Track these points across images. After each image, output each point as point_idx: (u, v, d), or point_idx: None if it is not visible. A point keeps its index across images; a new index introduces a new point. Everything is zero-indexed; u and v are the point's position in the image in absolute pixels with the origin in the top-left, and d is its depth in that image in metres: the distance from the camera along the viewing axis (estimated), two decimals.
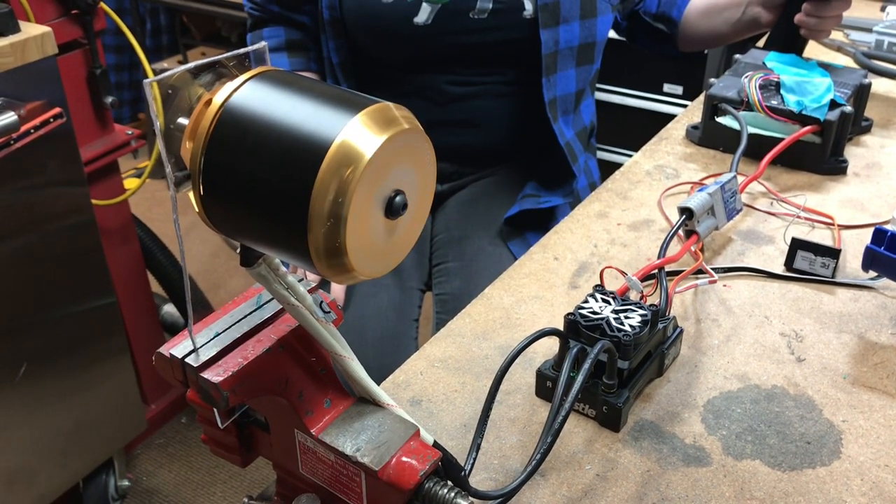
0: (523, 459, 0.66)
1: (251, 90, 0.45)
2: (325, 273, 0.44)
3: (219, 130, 0.44)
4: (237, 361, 0.53)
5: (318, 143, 0.42)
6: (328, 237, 0.42)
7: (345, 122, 0.42)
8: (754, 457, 0.66)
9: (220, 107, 0.45)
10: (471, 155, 1.30)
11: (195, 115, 0.46)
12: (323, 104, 0.44)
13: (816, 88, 1.02)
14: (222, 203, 0.45)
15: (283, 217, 0.43)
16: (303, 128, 0.43)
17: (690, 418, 0.69)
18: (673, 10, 1.34)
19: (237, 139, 0.44)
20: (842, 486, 0.63)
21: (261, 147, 0.43)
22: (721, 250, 0.90)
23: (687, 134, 1.12)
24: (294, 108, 0.44)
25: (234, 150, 0.44)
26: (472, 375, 0.74)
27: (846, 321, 0.80)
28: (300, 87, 0.46)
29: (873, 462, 0.65)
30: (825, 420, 0.69)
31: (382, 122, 0.43)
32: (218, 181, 0.45)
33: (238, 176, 0.44)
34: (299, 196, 0.42)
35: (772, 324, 0.80)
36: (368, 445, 0.53)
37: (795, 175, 1.03)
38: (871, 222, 0.93)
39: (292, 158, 0.42)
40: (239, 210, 0.45)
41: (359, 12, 1.19)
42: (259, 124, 0.44)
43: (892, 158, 1.07)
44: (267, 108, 0.44)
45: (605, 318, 0.69)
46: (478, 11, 1.16)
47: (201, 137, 0.45)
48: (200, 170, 0.45)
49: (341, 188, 0.42)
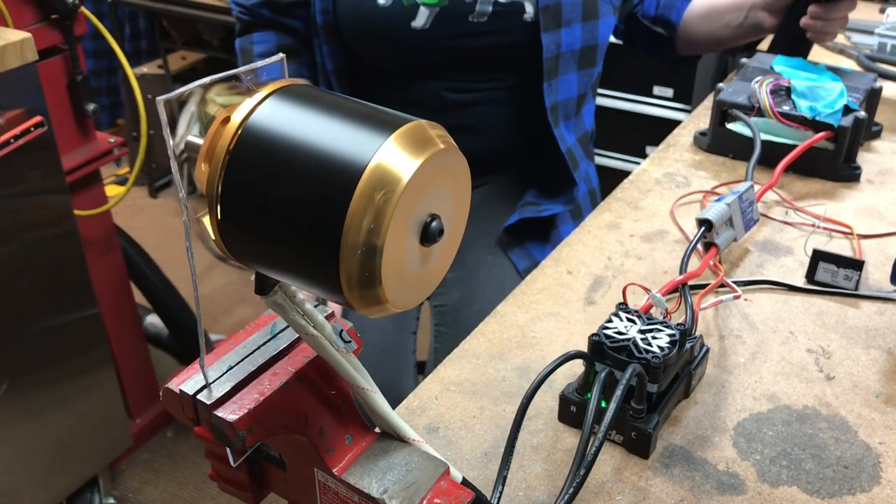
0: (550, 490, 0.62)
1: (273, 107, 0.41)
2: (356, 305, 0.41)
3: (238, 151, 0.40)
4: (253, 398, 0.49)
5: (350, 167, 0.38)
6: (362, 267, 0.39)
7: (378, 143, 0.39)
8: (791, 483, 0.63)
9: (239, 125, 0.41)
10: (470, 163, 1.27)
11: (211, 134, 0.42)
12: (352, 123, 0.40)
13: (829, 93, 1.00)
14: (242, 230, 0.41)
15: (312, 246, 0.39)
16: (333, 149, 0.39)
17: (721, 442, 0.66)
18: (672, 14, 1.31)
19: (259, 161, 0.40)
20: None
21: (286, 170, 0.39)
22: (739, 262, 0.87)
23: (695, 140, 1.09)
24: (321, 127, 0.40)
25: (255, 172, 0.40)
26: (490, 400, 0.70)
27: (873, 336, 0.77)
28: (326, 103, 0.42)
29: None
30: (861, 442, 0.66)
31: (418, 143, 0.40)
32: (238, 206, 0.41)
33: (260, 201, 0.40)
34: (330, 224, 0.38)
35: (797, 339, 0.77)
36: (396, 486, 0.49)
37: (808, 182, 1.01)
38: (891, 231, 0.91)
39: (322, 183, 0.39)
40: (260, 238, 0.41)
41: (354, 17, 1.15)
42: (283, 145, 0.40)
43: None
44: (291, 128, 0.40)
45: (632, 338, 0.65)
46: (477, 15, 1.13)
47: (219, 159, 0.41)
48: (218, 194, 0.41)
49: (377, 215, 0.38)
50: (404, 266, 0.41)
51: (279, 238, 0.40)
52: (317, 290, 0.42)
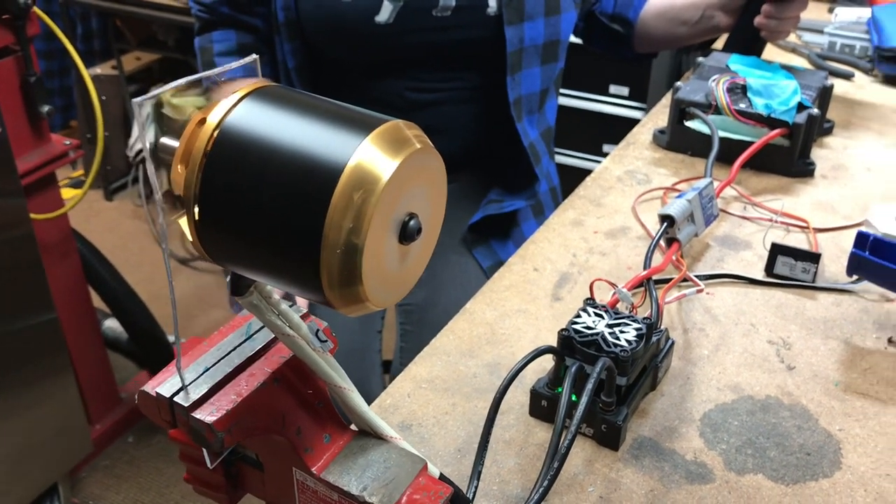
0: (524, 483, 0.63)
1: (249, 108, 0.41)
2: (337, 303, 0.41)
3: (216, 153, 0.40)
4: (230, 399, 0.49)
5: (329, 167, 0.38)
6: (343, 266, 0.39)
7: (356, 143, 0.39)
8: (756, 471, 0.64)
9: (216, 127, 0.41)
10: None
11: (187, 135, 0.42)
12: (330, 124, 0.41)
13: (783, 91, 1.02)
14: (220, 232, 0.41)
15: (293, 247, 0.39)
16: (311, 150, 0.39)
17: (688, 433, 0.68)
18: (629, 11, 1.33)
19: (237, 163, 0.40)
20: (846, 498, 0.62)
21: (265, 171, 0.40)
22: (700, 257, 0.89)
23: (654, 138, 1.11)
24: (299, 128, 0.40)
25: (234, 174, 0.40)
26: (462, 396, 0.71)
27: (831, 327, 0.79)
28: (302, 104, 0.42)
29: (874, 472, 0.64)
30: (822, 430, 0.68)
31: (395, 143, 0.40)
32: (216, 208, 0.41)
33: (239, 203, 0.40)
34: (311, 224, 0.38)
35: (758, 331, 0.79)
36: (376, 483, 0.50)
37: (765, 178, 1.03)
38: (844, 225, 0.94)
39: (301, 184, 0.39)
40: (240, 239, 0.41)
41: (317, 12, 1.15)
42: (261, 146, 0.40)
43: (857, 160, 1.08)
44: (269, 128, 0.40)
45: (601, 333, 0.67)
46: (441, 9, 1.13)
47: (196, 161, 0.41)
48: (196, 196, 0.41)
49: (357, 215, 0.38)
50: (384, 265, 0.42)
51: (259, 238, 0.40)
52: (297, 289, 0.42)
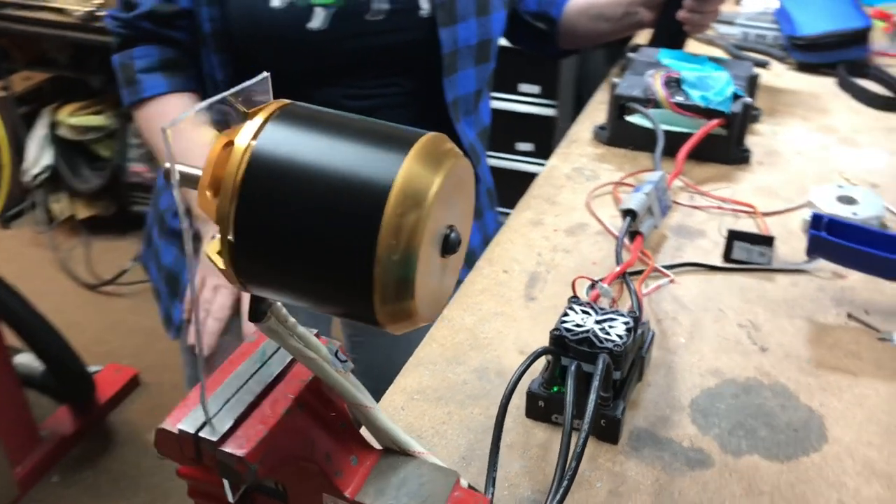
0: (533, 485, 0.63)
1: (277, 129, 0.40)
2: (386, 322, 0.40)
3: (251, 177, 0.39)
4: (258, 429, 0.47)
5: (376, 187, 0.38)
6: (397, 284, 0.38)
7: (399, 160, 0.38)
8: (751, 451, 0.67)
9: (245, 151, 0.39)
10: None
11: (213, 161, 0.40)
12: (366, 141, 0.40)
13: (717, 82, 1.06)
14: (259, 258, 0.40)
15: (343, 268, 0.38)
16: (354, 170, 0.38)
17: (681, 420, 0.70)
18: (552, 9, 1.35)
19: (275, 187, 0.39)
20: (838, 469, 0.65)
21: (306, 194, 0.38)
22: (659, 248, 0.91)
23: (595, 135, 1.14)
24: (335, 147, 0.39)
25: (272, 199, 0.39)
26: (456, 404, 0.71)
27: (793, 306, 0.83)
28: (330, 122, 0.41)
29: (858, 441, 0.67)
30: (804, 406, 0.71)
31: (436, 156, 0.40)
32: (254, 234, 0.39)
33: (280, 228, 0.39)
34: (362, 245, 0.37)
35: (727, 316, 0.81)
36: (414, 501, 0.49)
37: (705, 167, 1.07)
38: (788, 207, 0.98)
39: (349, 205, 0.38)
40: (281, 264, 0.40)
41: (246, 21, 1.12)
42: (298, 168, 0.39)
43: (787, 145, 1.13)
44: (303, 149, 0.39)
45: (591, 329, 0.67)
46: (373, 13, 1.12)
47: (230, 186, 0.39)
48: (233, 225, 0.39)
49: (409, 232, 0.38)
50: (428, 278, 0.41)
51: (304, 263, 0.39)
52: (343, 309, 0.41)
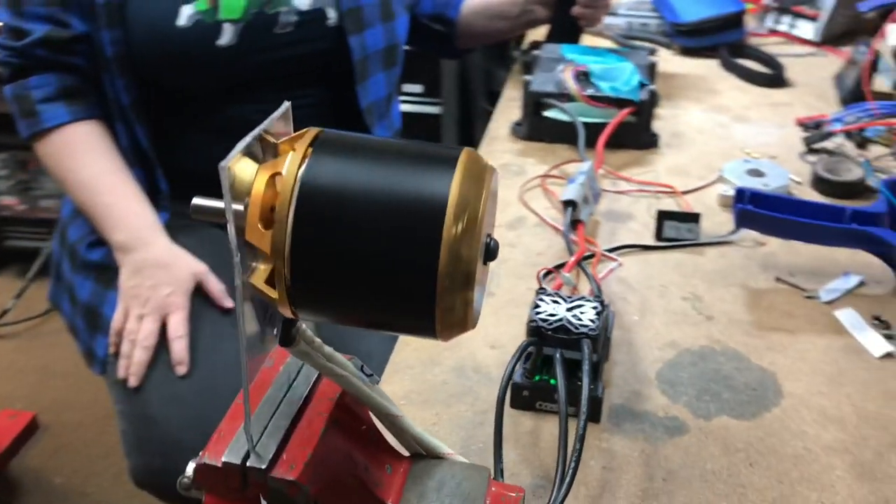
0: (533, 472, 0.67)
1: (320, 157, 0.41)
2: (444, 333, 0.42)
3: (303, 208, 0.40)
4: (302, 451, 0.48)
5: (432, 205, 0.40)
6: (460, 297, 0.40)
7: (448, 177, 0.41)
8: (720, 413, 0.72)
9: (295, 180, 0.40)
10: None
11: (258, 194, 0.41)
12: (408, 162, 0.42)
13: (623, 73, 1.12)
14: (316, 286, 0.41)
15: (405, 287, 0.40)
16: (405, 191, 0.40)
17: (651, 393, 0.75)
18: (449, 10, 1.38)
19: (328, 214, 0.40)
20: (798, 420, 0.72)
21: (360, 219, 0.40)
22: (595, 234, 0.97)
23: (512, 131, 1.18)
24: (381, 170, 0.41)
25: (326, 226, 0.40)
26: (442, 404, 0.73)
27: (726, 276, 0.90)
28: (367, 146, 0.43)
29: (809, 393, 0.74)
30: (756, 366, 0.78)
31: (477, 169, 0.42)
32: (310, 263, 0.40)
33: (336, 255, 0.40)
34: (424, 263, 0.39)
35: (671, 291, 0.87)
36: (456, 500, 0.51)
37: (620, 154, 1.13)
38: (702, 184, 1.05)
39: (406, 227, 0.40)
40: (339, 291, 0.41)
41: (151, 42, 1.09)
42: (349, 194, 0.40)
43: (688, 126, 1.21)
44: (350, 175, 0.41)
45: (564, 317, 0.71)
46: (282, 26, 1.12)
47: (283, 218, 0.40)
48: (288, 254, 0.40)
49: (467, 246, 0.40)
50: (477, 286, 0.43)
51: (362, 286, 0.41)
52: (401, 327, 0.43)
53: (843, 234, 0.86)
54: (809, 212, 0.87)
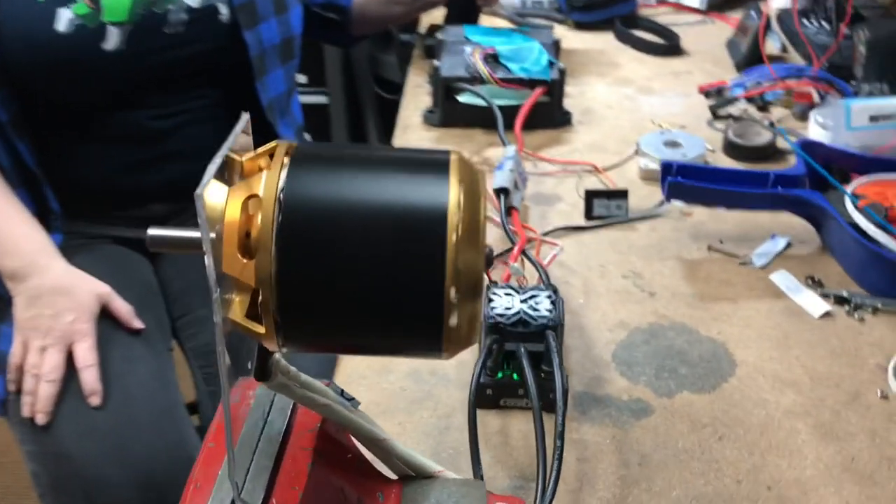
0: (508, 472, 0.65)
1: (299, 172, 0.37)
2: (451, 349, 0.39)
3: (288, 229, 0.36)
4: (293, 491, 0.45)
5: (431, 214, 0.37)
6: (470, 309, 0.38)
7: (444, 185, 0.38)
8: (680, 389, 0.72)
9: (276, 200, 0.36)
10: (190, 188, 1.19)
11: (234, 221, 0.37)
12: (396, 170, 0.38)
13: (531, 52, 1.11)
14: (308, 315, 0.37)
15: (409, 304, 0.37)
16: (400, 202, 0.37)
17: (611, 376, 0.74)
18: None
19: (317, 234, 0.36)
20: (755, 387, 0.72)
21: (354, 238, 0.36)
22: (526, 218, 0.95)
23: (425, 119, 1.15)
24: (369, 181, 0.38)
25: (317, 248, 0.36)
26: (404, 413, 0.70)
27: (660, 250, 0.90)
28: (347, 156, 0.39)
29: (760, 359, 0.75)
30: (706, 338, 0.78)
31: (468, 173, 0.39)
32: (300, 290, 0.37)
33: (331, 280, 0.36)
34: (428, 278, 0.36)
35: (610, 271, 0.87)
36: None
37: (536, 135, 1.11)
38: (622, 160, 1.05)
39: (404, 238, 0.36)
40: (334, 317, 0.37)
41: (27, 51, 1.00)
42: (337, 209, 0.37)
43: (596, 101, 1.22)
44: (336, 189, 0.37)
45: (520, 310, 0.69)
46: (172, 25, 1.05)
47: (268, 243, 0.36)
48: (276, 285, 0.36)
49: (472, 255, 0.37)
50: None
51: (363, 311, 0.37)
52: (403, 348, 0.40)
53: (770, 199, 0.88)
54: (735, 179, 0.88)
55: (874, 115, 0.98)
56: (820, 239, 0.90)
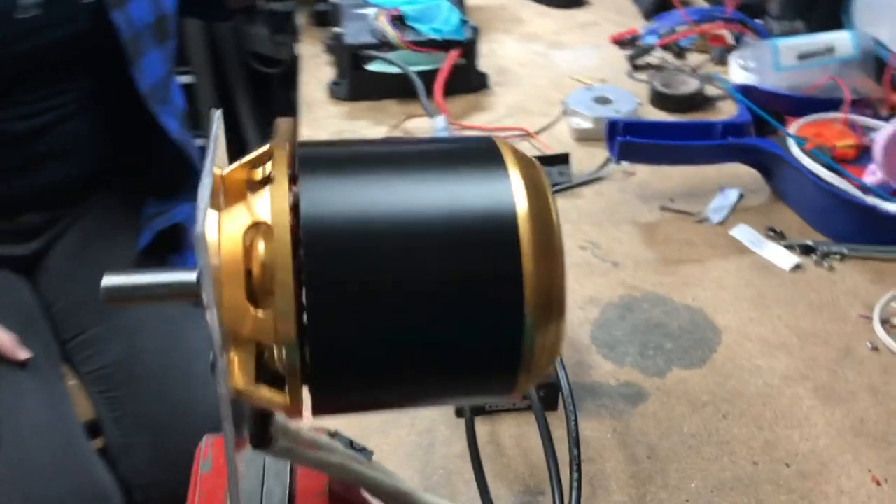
0: (512, 489, 0.58)
1: (314, 186, 0.28)
2: (525, 385, 0.31)
3: (315, 265, 0.27)
4: None
5: (499, 223, 0.28)
6: (553, 338, 0.30)
7: (505, 181, 0.29)
8: (669, 366, 0.67)
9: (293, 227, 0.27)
10: (66, 192, 1.04)
11: (237, 257, 0.27)
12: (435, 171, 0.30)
13: (440, 11, 1.02)
14: (356, 376, 0.28)
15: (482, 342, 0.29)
16: (457, 213, 0.28)
17: (594, 360, 0.68)
18: None
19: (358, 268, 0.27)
20: (745, 354, 0.68)
21: (402, 266, 0.28)
22: None
23: (330, 93, 1.04)
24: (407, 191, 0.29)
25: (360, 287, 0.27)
26: (379, 433, 0.61)
27: (611, 214, 0.84)
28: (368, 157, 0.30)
29: (742, 322, 0.71)
30: (683, 306, 0.73)
31: (524, 162, 0.31)
32: (345, 347, 0.28)
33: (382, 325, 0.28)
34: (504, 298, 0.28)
35: (565, 242, 0.80)
36: None
37: (455, 101, 1.03)
38: (551, 121, 0.99)
39: (470, 261, 0.28)
40: (388, 373, 0.29)
41: None
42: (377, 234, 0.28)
43: (508, 60, 1.14)
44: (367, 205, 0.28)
45: None
46: (24, 9, 0.90)
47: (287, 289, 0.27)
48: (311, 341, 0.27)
49: (551, 264, 0.29)
50: None
51: (424, 357, 0.28)
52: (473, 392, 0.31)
53: (722, 150, 0.83)
54: (684, 133, 0.83)
55: (802, 53, 0.95)
56: (770, 187, 0.86)
